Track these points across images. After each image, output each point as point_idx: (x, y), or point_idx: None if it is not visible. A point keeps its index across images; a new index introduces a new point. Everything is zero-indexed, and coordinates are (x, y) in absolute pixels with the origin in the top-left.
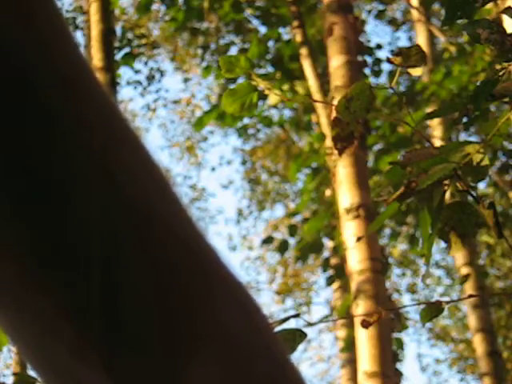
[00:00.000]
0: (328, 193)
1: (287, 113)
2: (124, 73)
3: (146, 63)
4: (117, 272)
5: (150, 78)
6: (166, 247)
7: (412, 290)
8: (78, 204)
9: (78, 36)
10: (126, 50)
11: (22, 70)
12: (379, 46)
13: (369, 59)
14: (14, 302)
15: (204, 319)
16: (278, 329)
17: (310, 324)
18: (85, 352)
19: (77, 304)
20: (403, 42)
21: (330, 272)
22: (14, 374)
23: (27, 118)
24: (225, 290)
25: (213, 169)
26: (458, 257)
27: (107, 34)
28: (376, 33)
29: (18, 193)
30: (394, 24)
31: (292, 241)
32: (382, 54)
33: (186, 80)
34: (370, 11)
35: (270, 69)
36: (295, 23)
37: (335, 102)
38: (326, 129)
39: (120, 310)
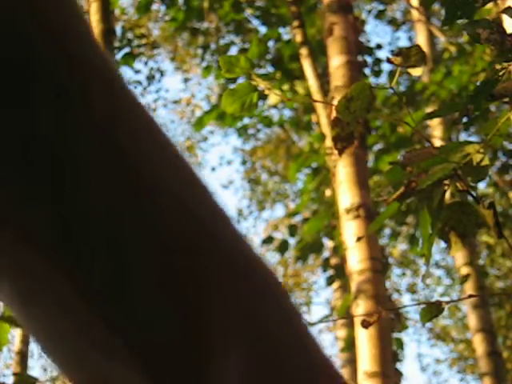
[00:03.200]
0: (328, 193)
1: (287, 113)
2: (124, 73)
3: (146, 63)
4: (127, 257)
5: (150, 78)
6: (180, 228)
7: (412, 289)
8: (91, 180)
9: None
10: (126, 49)
11: (26, 47)
12: (379, 46)
13: (369, 59)
14: (39, 295)
15: (229, 309)
16: None
17: (310, 324)
18: (112, 344)
19: (99, 292)
20: (403, 42)
21: (330, 272)
22: (14, 374)
23: (33, 94)
24: (252, 277)
25: (213, 169)
26: (458, 257)
27: (107, 34)
28: (376, 33)
29: (33, 173)
30: (394, 24)
31: (292, 241)
32: (382, 54)
33: (186, 80)
34: (370, 11)
35: (270, 69)
36: (295, 23)
37: (335, 102)
38: (326, 129)
39: (136, 297)
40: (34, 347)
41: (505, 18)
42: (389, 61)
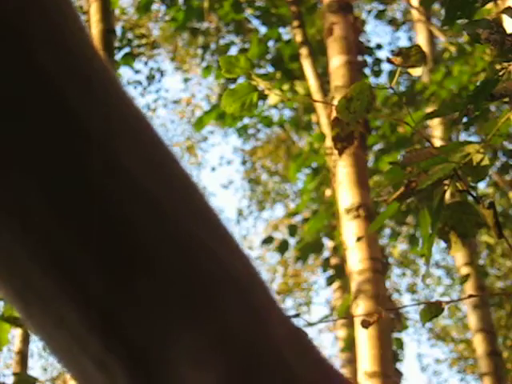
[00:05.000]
0: (328, 193)
1: (287, 113)
2: (124, 73)
3: (146, 63)
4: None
5: (150, 78)
6: (178, 249)
7: (412, 289)
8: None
9: None
10: (126, 50)
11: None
12: (379, 46)
13: (369, 59)
14: (41, 313)
15: (210, 325)
16: None
17: (310, 324)
18: (109, 364)
19: (98, 316)
20: (403, 42)
21: (330, 272)
22: (14, 374)
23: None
24: (237, 292)
25: (213, 169)
26: (458, 257)
27: (107, 34)
28: (376, 33)
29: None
30: (394, 24)
31: (292, 241)
32: (382, 54)
33: (186, 80)
34: (370, 11)
35: (270, 69)
36: (295, 23)
37: (335, 102)
38: (326, 129)
39: (127, 318)
40: (33, 347)
41: (505, 17)
42: (389, 61)
